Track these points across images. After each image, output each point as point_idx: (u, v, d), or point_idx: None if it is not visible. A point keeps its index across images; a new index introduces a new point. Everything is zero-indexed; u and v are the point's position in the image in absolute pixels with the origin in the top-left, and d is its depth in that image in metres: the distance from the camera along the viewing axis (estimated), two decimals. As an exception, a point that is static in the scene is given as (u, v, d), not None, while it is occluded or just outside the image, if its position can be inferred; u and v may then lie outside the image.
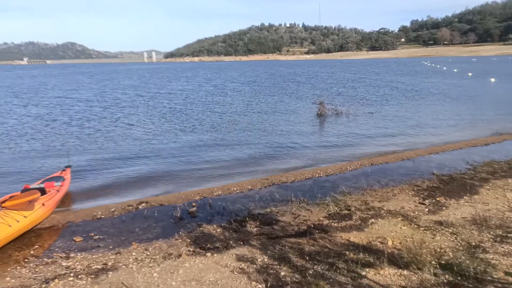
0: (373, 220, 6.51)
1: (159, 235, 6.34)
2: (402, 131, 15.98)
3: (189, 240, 6.02)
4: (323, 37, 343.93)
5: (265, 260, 5.11)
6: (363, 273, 4.55)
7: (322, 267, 4.76)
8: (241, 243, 5.78)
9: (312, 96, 28.87)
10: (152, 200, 8.09)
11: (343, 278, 4.46)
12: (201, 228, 6.50)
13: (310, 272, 4.66)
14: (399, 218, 6.52)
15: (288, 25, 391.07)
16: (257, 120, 19.02)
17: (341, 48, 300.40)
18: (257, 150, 12.82)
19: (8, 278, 4.98)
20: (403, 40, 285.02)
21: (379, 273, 4.56)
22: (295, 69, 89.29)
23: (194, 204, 7.74)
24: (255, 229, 6.41)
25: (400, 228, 6.07)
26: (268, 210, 7.29)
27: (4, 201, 6.46)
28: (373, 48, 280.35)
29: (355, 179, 9.35)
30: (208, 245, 5.74)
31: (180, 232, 6.38)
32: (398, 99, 27.39)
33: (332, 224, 6.46)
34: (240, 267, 4.92)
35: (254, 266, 4.93)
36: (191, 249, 5.63)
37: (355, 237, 5.79)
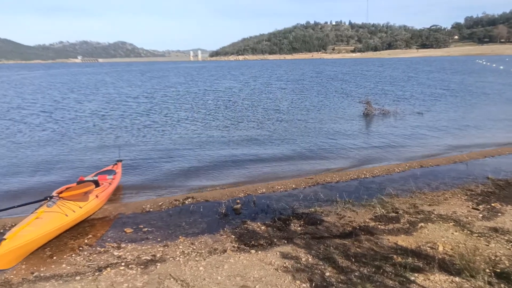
0: (422, 224, 6.29)
1: (204, 230, 6.47)
2: (454, 133, 15.32)
3: (233, 236, 6.10)
4: (370, 35, 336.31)
5: (310, 259, 5.08)
6: (412, 278, 4.42)
7: (368, 270, 4.67)
8: (285, 241, 5.79)
9: (358, 95, 28.33)
10: (198, 195, 8.25)
11: (391, 282, 4.35)
12: (246, 225, 6.57)
13: (356, 274, 4.58)
14: (451, 223, 6.27)
15: (334, 23, 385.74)
16: (302, 118, 18.92)
17: (389, 46, 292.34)
18: (302, 149, 12.75)
19: (64, 265, 5.27)
20: (456, 37, 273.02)
21: (428, 279, 4.41)
22: (341, 68, 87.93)
23: (238, 201, 7.83)
24: (299, 228, 6.39)
25: (452, 233, 5.83)
26: (313, 209, 7.24)
27: (61, 192, 6.83)
28: (423, 46, 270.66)
29: (403, 181, 9.09)
30: (253, 242, 5.79)
31: (225, 228, 6.48)
32: (450, 99, 26.27)
33: (379, 226, 6.32)
34: (284, 265, 4.92)
35: (298, 265, 4.92)
36: (236, 245, 5.71)
37: (403, 240, 5.63)
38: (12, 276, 4.99)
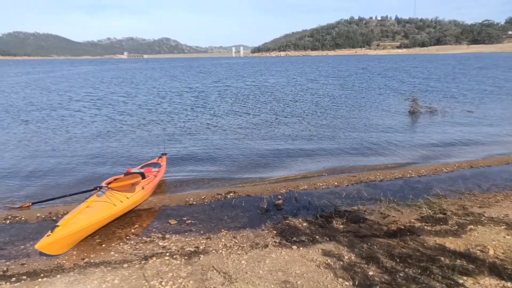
0: (472, 226, 6.03)
1: (246, 225, 6.52)
2: (507, 133, 14.54)
3: (275, 232, 6.11)
4: (417, 30, 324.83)
5: (352, 257, 5.01)
6: (460, 281, 4.25)
7: (414, 271, 4.54)
8: (327, 238, 5.73)
9: (404, 92, 27.53)
10: (239, 190, 8.33)
11: (438, 284, 4.21)
12: (287, 221, 6.56)
13: (401, 274, 4.47)
14: (503, 227, 5.96)
15: (379, 18, 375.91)
16: (346, 115, 18.65)
17: (438, 42, 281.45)
18: (345, 146, 12.57)
19: (112, 253, 5.49)
20: (510, 33, 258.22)
21: (478, 283, 4.23)
22: (386, 64, 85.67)
23: (280, 197, 7.82)
24: (341, 226, 6.31)
25: (504, 237, 5.55)
26: (355, 208, 7.13)
27: (109, 183, 7.11)
28: (474, 42, 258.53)
29: (451, 181, 8.74)
30: (294, 238, 5.78)
31: (267, 223, 6.51)
32: (503, 97, 24.93)
33: (425, 227, 6.11)
34: (326, 262, 4.88)
35: (341, 262, 4.87)
36: (277, 241, 5.72)
37: (451, 242, 5.42)
38: (64, 262, 5.26)
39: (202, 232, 6.23)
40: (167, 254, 5.32)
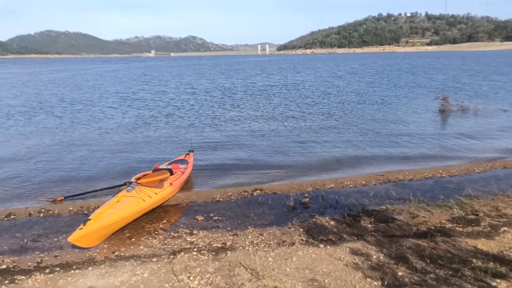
0: (505, 228, 5.84)
1: (272, 222, 6.52)
2: (544, 132, 13.99)
3: (301, 230, 6.09)
4: (448, 27, 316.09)
5: (381, 257, 4.94)
6: (493, 284, 4.13)
7: (445, 272, 4.44)
8: (355, 238, 5.67)
9: (434, 90, 26.88)
10: (266, 188, 8.34)
11: (470, 286, 4.10)
12: (314, 219, 6.53)
13: (431, 275, 4.38)
14: (539, 229, 5.75)
15: (408, 15, 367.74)
16: (374, 113, 18.43)
17: (469, 39, 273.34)
18: (372, 144, 12.40)
19: (141, 247, 5.60)
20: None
21: (512, 286, 4.10)
22: (416, 61, 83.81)
23: (306, 195, 7.79)
24: (369, 225, 6.22)
25: (540, 240, 5.35)
26: (384, 207, 7.01)
27: (139, 178, 7.25)
28: (508, 39, 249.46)
29: (483, 182, 8.48)
30: (321, 237, 5.74)
31: (293, 221, 6.49)
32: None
33: (456, 228, 5.96)
34: (354, 261, 4.83)
35: (369, 262, 4.81)
36: (304, 239, 5.70)
37: (484, 244, 5.27)
38: (95, 254, 5.41)
39: (229, 228, 6.27)
40: (195, 249, 5.39)
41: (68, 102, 24.15)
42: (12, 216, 7.00)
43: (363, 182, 8.62)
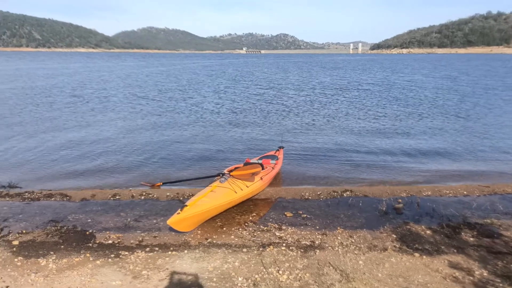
0: None
1: (363, 225, 6.32)
2: None
3: (394, 236, 5.82)
4: None
5: (484, 274, 4.53)
6: None
7: None
8: (454, 250, 5.27)
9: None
10: (356, 189, 8.11)
11: None
12: (408, 226, 6.19)
13: (546, 301, 3.92)
14: None
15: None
16: (481, 117, 16.96)
17: None
18: (476, 151, 11.46)
19: (232, 236, 5.79)
20: None
21: None
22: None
23: (400, 200, 7.42)
24: (471, 238, 5.74)
25: None
26: (488, 221, 6.41)
27: (231, 170, 7.49)
28: None
29: None
30: (416, 245, 5.43)
31: (385, 226, 6.22)
32: None
33: None
34: (454, 275, 4.50)
35: (471, 278, 4.44)
36: (397, 245, 5.44)
37: None
38: (190, 239, 5.71)
39: (317, 227, 6.21)
40: (284, 244, 5.43)
41: (168, 93, 25.78)
42: (117, 197, 7.68)
43: (465, 192, 7.98)
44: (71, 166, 10.09)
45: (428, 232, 5.97)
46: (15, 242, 5.52)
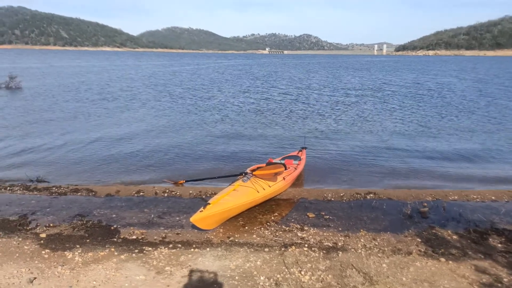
0: None
1: (387, 228, 6.22)
2: None
3: (419, 240, 5.71)
4: None
5: (514, 282, 4.40)
6: None
7: None
8: (482, 256, 5.13)
9: None
10: (380, 192, 8.00)
11: None
12: (434, 231, 6.06)
13: None
14: None
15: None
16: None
17: None
18: (505, 157, 11.13)
19: (254, 236, 5.79)
20: None
21: None
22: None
23: (425, 204, 7.27)
24: (499, 244, 5.58)
25: None
26: (517, 227, 6.23)
27: (253, 170, 7.49)
28: None
29: None
30: (442, 250, 5.31)
31: (410, 230, 6.11)
32: None
33: None
34: (482, 281, 4.38)
35: (499, 284, 4.32)
36: (422, 249, 5.33)
37: None
38: (212, 237, 5.74)
39: (340, 229, 6.15)
40: (306, 245, 5.39)
41: (194, 92, 26.04)
42: (141, 193, 7.79)
43: (493, 198, 7.76)
44: (96, 162, 10.31)
45: (454, 237, 5.83)
46: (43, 235, 5.67)
